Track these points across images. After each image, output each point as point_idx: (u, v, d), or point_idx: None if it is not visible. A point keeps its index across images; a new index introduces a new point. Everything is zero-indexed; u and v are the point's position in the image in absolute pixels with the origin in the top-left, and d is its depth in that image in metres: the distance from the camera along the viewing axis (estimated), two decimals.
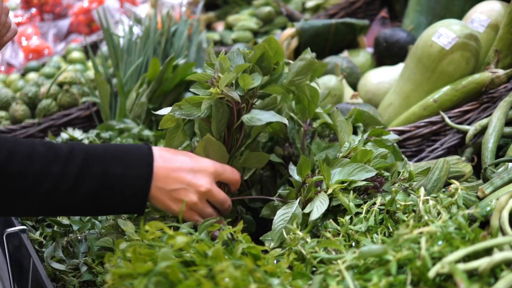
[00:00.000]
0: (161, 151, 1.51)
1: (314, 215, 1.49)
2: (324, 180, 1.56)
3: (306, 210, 1.53)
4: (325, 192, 1.53)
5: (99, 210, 1.49)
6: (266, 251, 1.49)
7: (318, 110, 1.94)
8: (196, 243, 1.29)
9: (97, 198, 1.42)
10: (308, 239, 1.42)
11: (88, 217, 1.78)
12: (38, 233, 1.81)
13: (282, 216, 1.56)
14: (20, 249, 1.77)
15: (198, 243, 1.29)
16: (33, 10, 4.14)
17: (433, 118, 2.10)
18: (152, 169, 1.46)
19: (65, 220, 1.78)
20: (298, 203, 1.56)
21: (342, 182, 1.56)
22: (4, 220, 2.00)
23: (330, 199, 1.54)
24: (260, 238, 1.58)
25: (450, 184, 1.50)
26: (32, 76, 3.26)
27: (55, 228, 1.78)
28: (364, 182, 1.56)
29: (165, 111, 1.63)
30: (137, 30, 2.95)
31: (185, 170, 1.51)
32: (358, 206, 1.53)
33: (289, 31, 2.76)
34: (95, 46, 3.63)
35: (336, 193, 1.53)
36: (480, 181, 1.79)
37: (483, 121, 2.00)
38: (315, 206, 1.51)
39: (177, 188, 1.50)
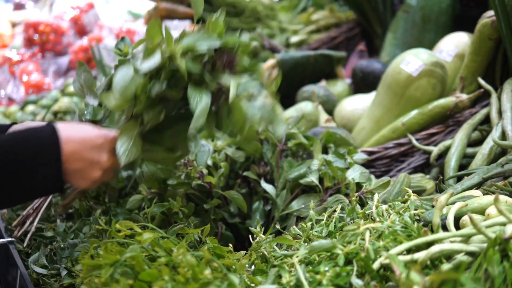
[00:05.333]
0: (64, 127, 1.47)
1: (144, 67, 1.51)
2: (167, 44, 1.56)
3: (138, 65, 1.53)
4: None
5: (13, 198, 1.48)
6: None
7: (293, 131, 2.06)
8: (163, 241, 1.40)
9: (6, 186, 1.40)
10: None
11: (72, 229, 1.89)
12: (25, 244, 1.91)
13: (123, 74, 1.53)
14: (8, 259, 1.87)
15: (165, 240, 1.40)
16: (35, 48, 4.31)
17: (401, 140, 2.23)
18: (60, 151, 1.43)
19: (49, 233, 1.88)
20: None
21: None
22: None
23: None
24: None
25: None
26: (30, 108, 3.41)
27: (41, 238, 1.88)
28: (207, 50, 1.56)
29: None
30: None
31: (88, 148, 1.49)
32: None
33: (270, 62, 2.91)
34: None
35: (174, 56, 1.52)
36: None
37: (447, 142, 2.12)
38: (146, 60, 1.53)
39: (84, 166, 1.49)
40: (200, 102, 1.53)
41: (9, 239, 1.88)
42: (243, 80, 1.62)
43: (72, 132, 1.47)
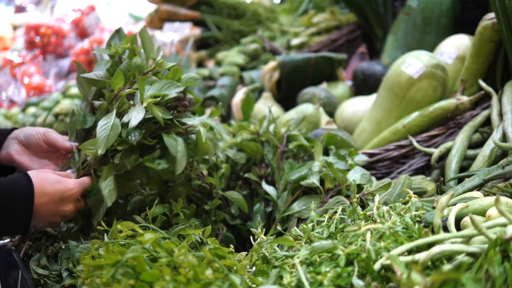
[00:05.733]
0: (38, 181, 1.63)
1: (133, 123, 1.63)
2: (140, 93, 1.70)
3: (125, 120, 1.66)
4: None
5: None
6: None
7: (295, 132, 2.07)
8: (164, 241, 1.40)
9: None
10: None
11: (74, 229, 1.89)
12: (26, 245, 1.91)
13: (104, 126, 1.66)
14: (9, 260, 1.87)
15: (166, 240, 1.40)
16: (36, 51, 4.31)
17: (402, 142, 2.23)
18: (33, 204, 1.60)
19: (52, 231, 1.89)
20: (115, 115, 1.68)
21: (155, 97, 1.70)
22: None
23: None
24: None
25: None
26: (32, 110, 3.42)
27: (42, 240, 1.88)
28: (175, 96, 1.72)
29: None
30: None
31: (57, 201, 1.65)
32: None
33: (271, 64, 2.91)
34: None
35: (150, 106, 1.67)
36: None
37: (448, 144, 2.12)
38: (132, 115, 1.64)
39: (48, 215, 1.67)
40: (178, 146, 1.73)
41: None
42: (203, 118, 1.85)
43: (44, 186, 1.62)
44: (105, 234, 1.61)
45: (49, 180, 1.64)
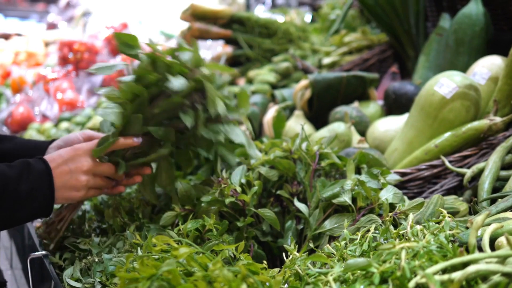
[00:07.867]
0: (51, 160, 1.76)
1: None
2: None
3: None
4: None
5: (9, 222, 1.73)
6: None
7: (327, 150, 2.08)
8: (198, 256, 1.41)
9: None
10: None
11: (106, 243, 1.91)
12: (58, 256, 1.94)
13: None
14: (42, 272, 1.90)
15: (200, 255, 1.41)
16: (69, 67, 4.39)
17: (434, 162, 2.22)
18: (52, 178, 1.72)
19: (85, 246, 1.91)
20: None
21: None
22: (28, 246, 2.15)
23: None
24: None
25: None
26: (64, 125, 3.47)
27: (76, 253, 1.91)
28: None
29: None
30: None
31: (66, 162, 1.77)
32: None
33: (303, 82, 2.93)
34: None
35: None
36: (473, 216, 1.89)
37: (481, 165, 2.11)
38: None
39: (67, 179, 1.76)
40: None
41: (44, 252, 1.91)
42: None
43: (56, 162, 1.76)
44: (139, 248, 1.63)
45: (59, 152, 1.80)
